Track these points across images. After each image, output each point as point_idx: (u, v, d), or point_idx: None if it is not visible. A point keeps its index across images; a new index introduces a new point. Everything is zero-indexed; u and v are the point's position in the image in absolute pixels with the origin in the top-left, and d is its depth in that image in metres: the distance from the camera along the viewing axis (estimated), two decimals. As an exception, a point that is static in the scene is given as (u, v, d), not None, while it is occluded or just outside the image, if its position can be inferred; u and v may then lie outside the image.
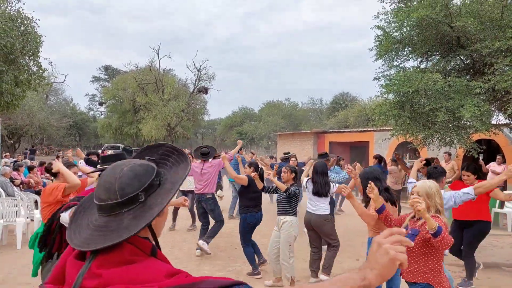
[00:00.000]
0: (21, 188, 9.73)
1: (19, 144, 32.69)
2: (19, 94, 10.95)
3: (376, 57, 8.66)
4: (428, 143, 8.30)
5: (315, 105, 45.67)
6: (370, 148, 17.17)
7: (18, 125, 27.51)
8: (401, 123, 7.98)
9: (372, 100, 30.06)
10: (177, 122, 33.14)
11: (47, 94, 37.62)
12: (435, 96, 7.00)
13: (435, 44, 8.07)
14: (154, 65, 34.74)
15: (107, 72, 52.79)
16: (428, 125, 7.66)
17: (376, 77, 8.53)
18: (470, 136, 7.61)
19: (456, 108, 6.74)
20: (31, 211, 7.50)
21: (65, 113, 39.19)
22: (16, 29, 10.39)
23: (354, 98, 40.12)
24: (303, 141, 20.99)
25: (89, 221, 1.17)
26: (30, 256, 6.39)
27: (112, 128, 38.35)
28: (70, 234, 1.16)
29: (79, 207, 1.27)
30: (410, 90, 7.00)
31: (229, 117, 47.86)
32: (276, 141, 25.41)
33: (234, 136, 41.69)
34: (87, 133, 47.33)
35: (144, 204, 1.14)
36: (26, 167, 11.18)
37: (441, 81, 6.88)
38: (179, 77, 40.46)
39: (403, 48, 8.57)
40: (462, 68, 8.40)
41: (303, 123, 39.32)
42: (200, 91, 36.37)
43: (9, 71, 9.92)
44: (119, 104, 37.93)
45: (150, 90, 34.63)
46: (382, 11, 8.21)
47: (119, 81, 38.18)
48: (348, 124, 29.83)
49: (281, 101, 45.28)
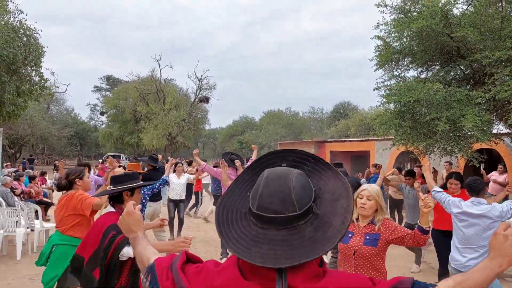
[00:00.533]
0: (22, 198, 9.72)
1: (20, 154, 32.71)
2: (21, 104, 10.99)
3: (376, 67, 8.70)
4: (429, 153, 8.30)
5: (316, 114, 45.81)
6: (371, 157, 17.16)
7: (20, 134, 27.56)
8: (402, 132, 7.98)
9: (372, 110, 30.13)
10: (178, 131, 33.18)
11: (49, 104, 37.77)
12: (436, 106, 7.01)
13: (435, 54, 8.11)
14: (155, 75, 34.90)
15: (109, 82, 53.01)
16: (429, 135, 7.66)
17: (377, 87, 8.55)
18: (471, 145, 7.60)
19: (457, 117, 6.74)
20: (32, 221, 7.47)
21: (66, 123, 39.27)
22: (19, 40, 10.47)
23: (355, 107, 40.23)
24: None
25: (246, 234, 1.12)
26: (30, 266, 6.37)
27: (113, 137, 38.39)
28: (239, 251, 1.09)
29: (223, 222, 1.19)
30: (411, 100, 7.01)
31: (230, 126, 47.93)
32: (277, 151, 25.42)
33: (235, 145, 41.71)
34: (88, 142, 47.35)
35: (318, 215, 1.12)
36: (27, 176, 11.18)
37: (442, 91, 6.89)
38: (180, 87, 40.66)
39: (403, 58, 8.61)
40: (463, 78, 8.42)
41: (304, 132, 39.36)
42: (201, 101, 36.46)
43: (11, 82, 9.97)
44: (120, 114, 38.01)
45: (151, 100, 34.74)
46: (382, 21, 8.26)
47: (120, 90, 38.33)
48: (348, 134, 29.85)
49: (282, 110, 45.40)
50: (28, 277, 5.91)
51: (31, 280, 5.80)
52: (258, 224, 1.12)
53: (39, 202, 10.01)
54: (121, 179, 2.94)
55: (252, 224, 1.14)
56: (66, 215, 3.81)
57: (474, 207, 4.27)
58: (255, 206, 1.12)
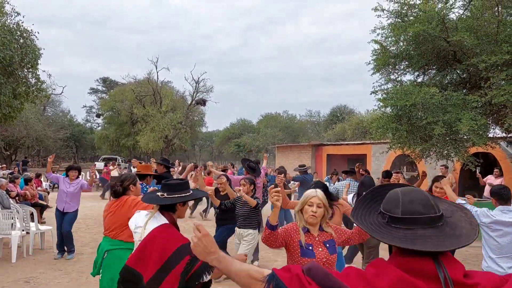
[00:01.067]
0: (17, 200, 9.66)
1: (16, 156, 32.55)
2: (17, 106, 10.93)
3: (373, 71, 8.73)
4: (425, 157, 8.32)
5: (313, 118, 45.91)
6: (367, 160, 17.20)
7: (15, 136, 27.43)
8: (398, 136, 8.00)
9: (369, 113, 30.22)
10: (174, 134, 33.08)
11: (45, 106, 37.62)
12: (432, 110, 7.04)
13: (431, 58, 8.15)
14: (152, 77, 34.84)
15: (105, 84, 52.81)
16: (425, 139, 7.68)
17: (374, 91, 8.58)
18: (467, 149, 7.63)
19: (453, 121, 6.77)
20: (27, 223, 7.43)
21: (62, 125, 39.12)
22: (15, 42, 10.43)
23: (351, 110, 40.35)
24: (301, 154, 21.01)
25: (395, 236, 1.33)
26: (25, 269, 6.34)
27: (109, 140, 38.21)
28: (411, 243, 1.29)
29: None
30: (407, 104, 7.03)
31: (227, 129, 47.88)
32: (274, 153, 25.41)
33: (232, 148, 41.66)
34: (84, 144, 47.17)
35: (448, 221, 1.37)
36: (22, 178, 11.12)
37: (438, 95, 6.92)
38: (177, 89, 40.58)
39: (400, 62, 8.65)
40: (459, 82, 8.46)
41: (301, 135, 39.42)
42: (198, 103, 36.40)
43: (8, 83, 9.93)
44: (116, 116, 37.85)
45: (148, 102, 34.63)
46: (379, 25, 8.30)
47: (116, 93, 38.17)
48: (345, 137, 29.93)
49: (279, 113, 45.44)
50: (23, 280, 5.87)
51: (26, 283, 5.76)
52: (402, 227, 1.34)
53: (34, 205, 9.96)
54: (176, 187, 2.80)
55: (395, 229, 1.35)
56: (117, 221, 3.76)
57: (505, 215, 4.19)
58: (400, 212, 1.36)
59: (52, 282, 5.81)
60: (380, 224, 1.42)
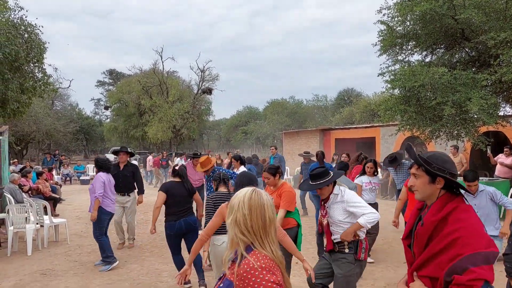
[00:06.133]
0: (30, 194, 9.80)
1: (27, 151, 32.89)
2: (25, 101, 10.97)
3: (380, 52, 8.62)
4: (435, 137, 8.25)
5: (320, 102, 45.53)
6: (376, 143, 17.10)
7: (25, 131, 27.65)
8: (407, 118, 7.93)
9: (377, 96, 29.93)
10: (182, 124, 33.15)
11: (53, 100, 37.77)
12: (441, 90, 6.95)
13: (439, 37, 8.01)
14: (157, 67, 34.81)
15: (112, 76, 52.97)
16: (435, 119, 7.60)
17: (381, 73, 8.47)
18: (477, 129, 7.55)
19: (463, 101, 6.68)
20: (41, 217, 7.54)
21: (71, 118, 39.34)
22: (20, 37, 10.42)
23: (359, 94, 39.97)
24: (309, 139, 20.93)
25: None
26: (41, 262, 6.44)
27: (118, 131, 38.48)
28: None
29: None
30: (416, 84, 6.95)
31: (234, 117, 47.85)
32: (281, 140, 25.37)
33: (239, 135, 41.67)
34: (94, 137, 47.55)
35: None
36: (34, 172, 11.26)
37: (447, 75, 6.82)
38: (183, 79, 40.53)
39: (407, 42, 8.51)
40: (468, 60, 8.32)
41: (308, 120, 39.20)
42: (204, 92, 36.34)
43: (15, 79, 9.95)
44: (124, 108, 38.01)
45: (155, 93, 34.69)
46: (385, 5, 8.16)
47: (123, 84, 38.28)
48: (353, 120, 29.72)
49: (286, 99, 45.21)
50: (40, 272, 5.98)
51: (43, 275, 5.86)
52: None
53: (48, 198, 10.10)
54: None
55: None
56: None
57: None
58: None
59: (68, 274, 5.91)
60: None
